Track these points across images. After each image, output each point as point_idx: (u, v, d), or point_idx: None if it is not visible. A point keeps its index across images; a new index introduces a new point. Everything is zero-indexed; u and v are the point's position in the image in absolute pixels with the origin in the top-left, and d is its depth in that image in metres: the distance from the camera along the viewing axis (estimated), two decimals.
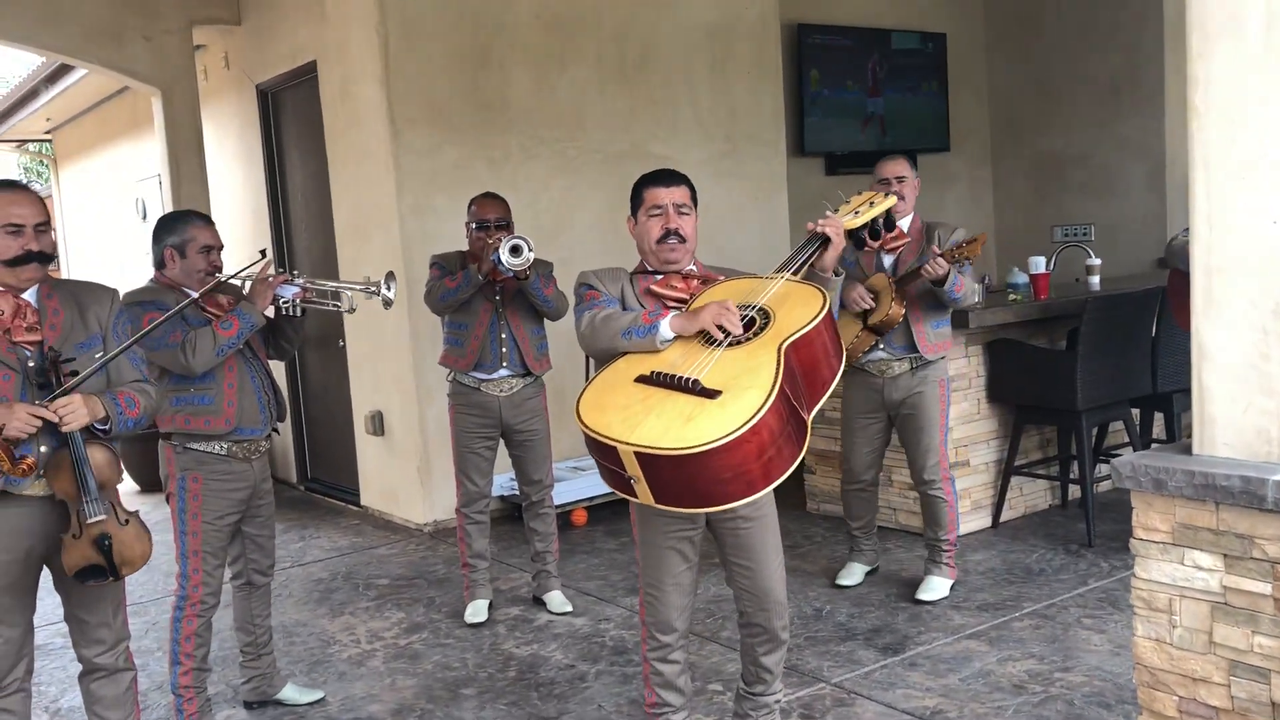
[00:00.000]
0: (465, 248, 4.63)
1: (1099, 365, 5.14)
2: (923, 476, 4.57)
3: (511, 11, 6.27)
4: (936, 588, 4.58)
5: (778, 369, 2.58)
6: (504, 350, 4.49)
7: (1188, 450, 2.48)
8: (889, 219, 3.38)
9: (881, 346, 4.48)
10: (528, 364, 4.53)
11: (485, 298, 4.46)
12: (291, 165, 7.30)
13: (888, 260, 4.49)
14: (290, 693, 3.99)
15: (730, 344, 2.73)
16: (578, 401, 2.74)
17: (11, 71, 9.79)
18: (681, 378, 2.65)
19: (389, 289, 3.81)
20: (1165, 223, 7.79)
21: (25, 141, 12.13)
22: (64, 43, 6.78)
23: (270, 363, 3.86)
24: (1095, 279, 6.17)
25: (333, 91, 6.44)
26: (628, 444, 2.51)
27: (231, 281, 3.70)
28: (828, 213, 3.10)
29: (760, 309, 2.82)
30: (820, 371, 2.77)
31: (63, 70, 8.85)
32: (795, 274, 2.95)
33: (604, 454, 2.63)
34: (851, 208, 3.21)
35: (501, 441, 4.66)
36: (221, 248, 3.68)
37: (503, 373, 4.52)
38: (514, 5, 6.28)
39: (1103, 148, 8.12)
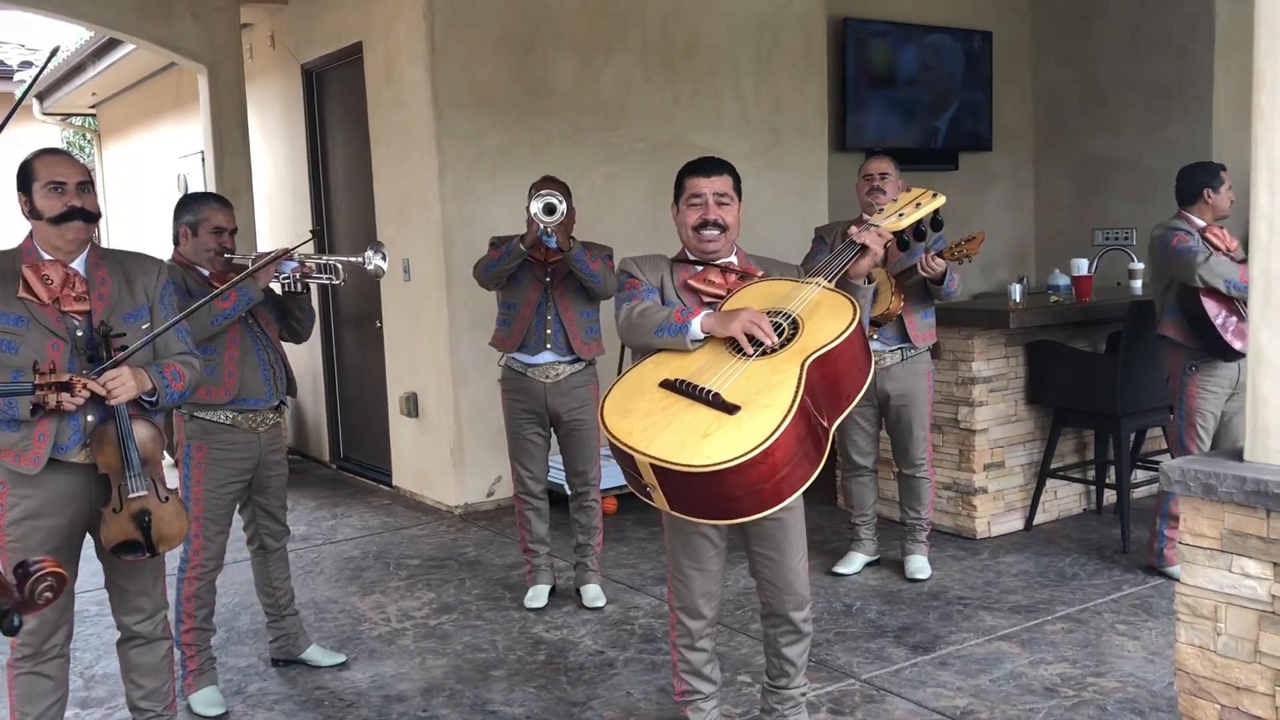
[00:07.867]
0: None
1: (1140, 370, 5.09)
2: (911, 461, 4.82)
3: None
4: (924, 566, 4.85)
5: (798, 387, 2.59)
6: (549, 332, 4.43)
7: (1239, 456, 2.44)
8: (935, 219, 3.32)
9: (876, 337, 4.63)
10: (574, 346, 4.45)
11: (535, 278, 4.44)
12: (334, 145, 7.33)
13: None
14: (314, 654, 4.10)
15: (757, 355, 2.73)
16: (603, 401, 2.76)
17: (55, 45, 9.82)
18: (703, 389, 2.66)
19: (380, 258, 3.79)
20: None
21: (70, 115, 12.22)
22: (114, 17, 6.81)
23: (296, 344, 3.94)
24: (1138, 283, 6.10)
25: (377, 73, 6.46)
26: (644, 454, 2.56)
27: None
28: (872, 216, 3.06)
29: (791, 319, 2.80)
30: (845, 384, 2.77)
31: (110, 45, 8.91)
32: (831, 280, 2.94)
33: (623, 459, 2.67)
34: (897, 208, 3.16)
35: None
36: (234, 230, 3.78)
37: (546, 356, 4.45)
38: None
39: (1148, 152, 8.01)
